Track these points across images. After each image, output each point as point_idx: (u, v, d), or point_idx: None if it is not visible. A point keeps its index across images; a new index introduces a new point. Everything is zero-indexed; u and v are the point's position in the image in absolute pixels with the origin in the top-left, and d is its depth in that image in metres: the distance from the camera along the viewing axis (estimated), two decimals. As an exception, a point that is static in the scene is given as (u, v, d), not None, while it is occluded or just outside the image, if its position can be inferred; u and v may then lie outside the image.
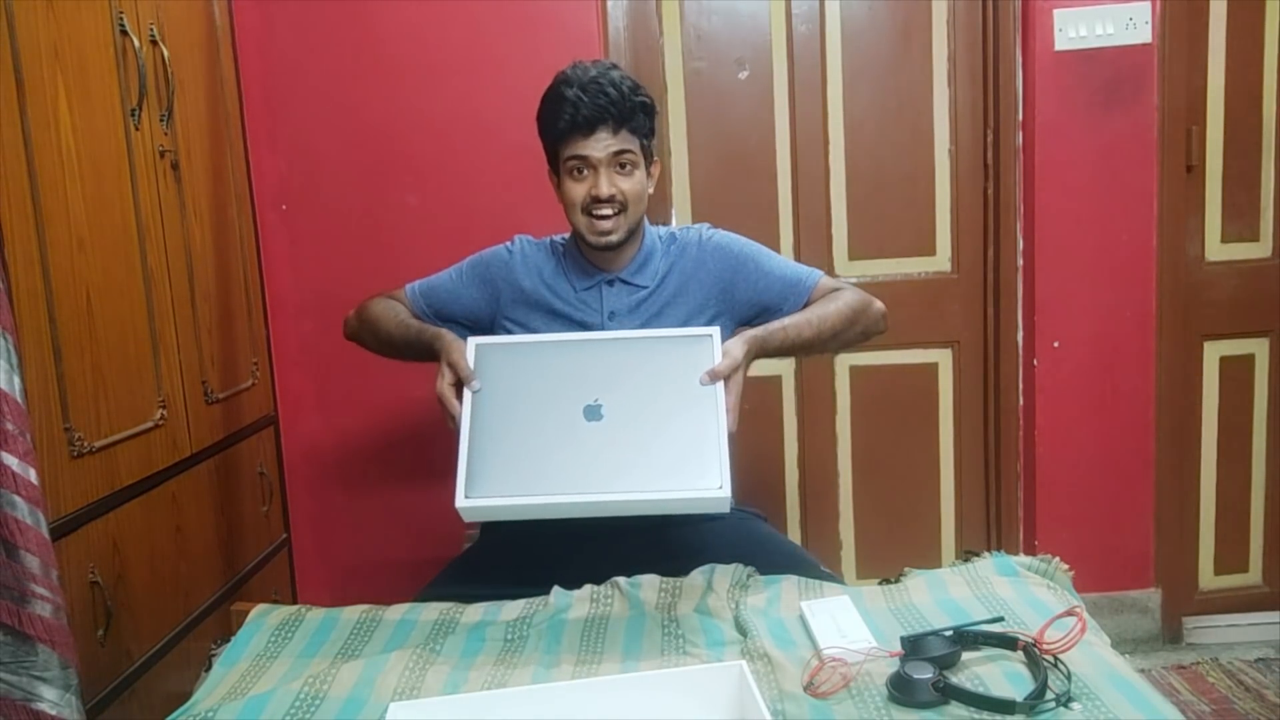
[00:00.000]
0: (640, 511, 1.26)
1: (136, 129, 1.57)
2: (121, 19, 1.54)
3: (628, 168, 1.49)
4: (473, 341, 1.37)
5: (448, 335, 1.43)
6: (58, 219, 1.35)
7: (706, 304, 1.57)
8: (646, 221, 1.61)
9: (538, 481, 1.23)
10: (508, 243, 1.68)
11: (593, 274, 1.58)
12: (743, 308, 1.59)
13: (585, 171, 1.49)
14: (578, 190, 1.50)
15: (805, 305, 1.58)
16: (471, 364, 1.33)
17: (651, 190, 1.57)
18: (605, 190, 1.48)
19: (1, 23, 1.25)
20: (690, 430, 1.25)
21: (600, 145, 1.47)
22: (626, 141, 1.49)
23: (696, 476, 1.21)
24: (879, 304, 1.60)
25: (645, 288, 1.57)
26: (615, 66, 1.53)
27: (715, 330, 1.34)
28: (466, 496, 1.23)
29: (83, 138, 1.42)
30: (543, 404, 1.30)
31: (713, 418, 1.26)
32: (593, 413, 1.27)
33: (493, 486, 1.23)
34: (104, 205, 1.47)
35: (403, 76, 2.14)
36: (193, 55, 1.84)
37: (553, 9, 2.13)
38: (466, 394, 1.31)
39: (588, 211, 1.50)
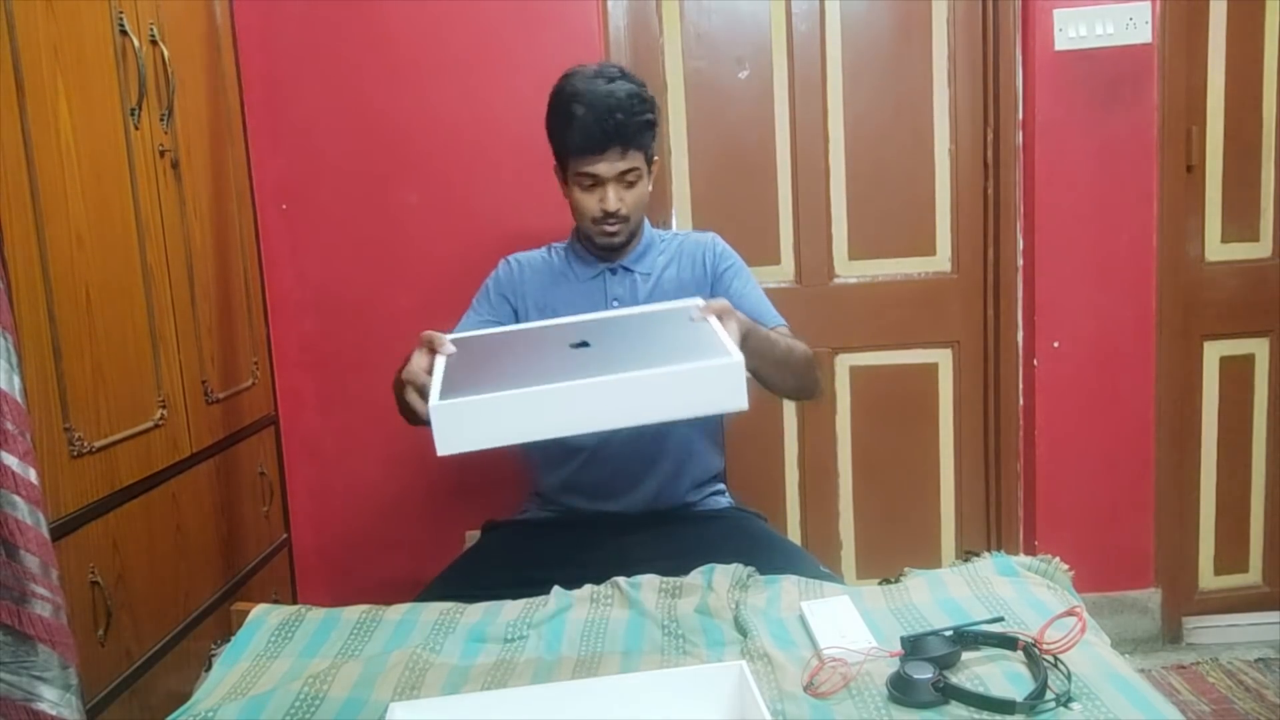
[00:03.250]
0: (646, 414, 1.03)
1: (136, 128, 1.57)
2: (121, 19, 1.54)
3: (634, 182, 1.59)
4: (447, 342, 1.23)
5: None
6: (58, 218, 1.35)
7: (699, 287, 1.66)
8: (647, 220, 1.70)
9: (523, 378, 1.03)
10: (501, 264, 1.75)
11: (595, 265, 1.69)
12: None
13: (595, 186, 1.58)
14: (588, 201, 1.59)
15: None
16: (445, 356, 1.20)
17: (650, 187, 1.65)
18: (614, 205, 1.57)
19: (1, 23, 1.24)
20: (688, 336, 1.14)
21: (609, 165, 1.55)
22: (633, 160, 1.57)
23: (703, 354, 1.06)
24: (809, 351, 1.59)
25: (646, 274, 1.68)
26: (621, 75, 1.57)
27: (697, 299, 1.31)
28: (441, 397, 1.02)
29: (83, 137, 1.42)
30: (525, 344, 1.22)
31: (710, 331, 1.14)
32: (580, 345, 1.16)
33: (471, 388, 1.03)
34: (104, 204, 1.47)
35: (404, 76, 2.14)
36: (193, 54, 1.84)
37: (553, 9, 2.13)
38: (440, 359, 1.19)
39: (597, 221, 1.59)
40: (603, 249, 1.64)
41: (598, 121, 1.52)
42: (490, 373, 1.10)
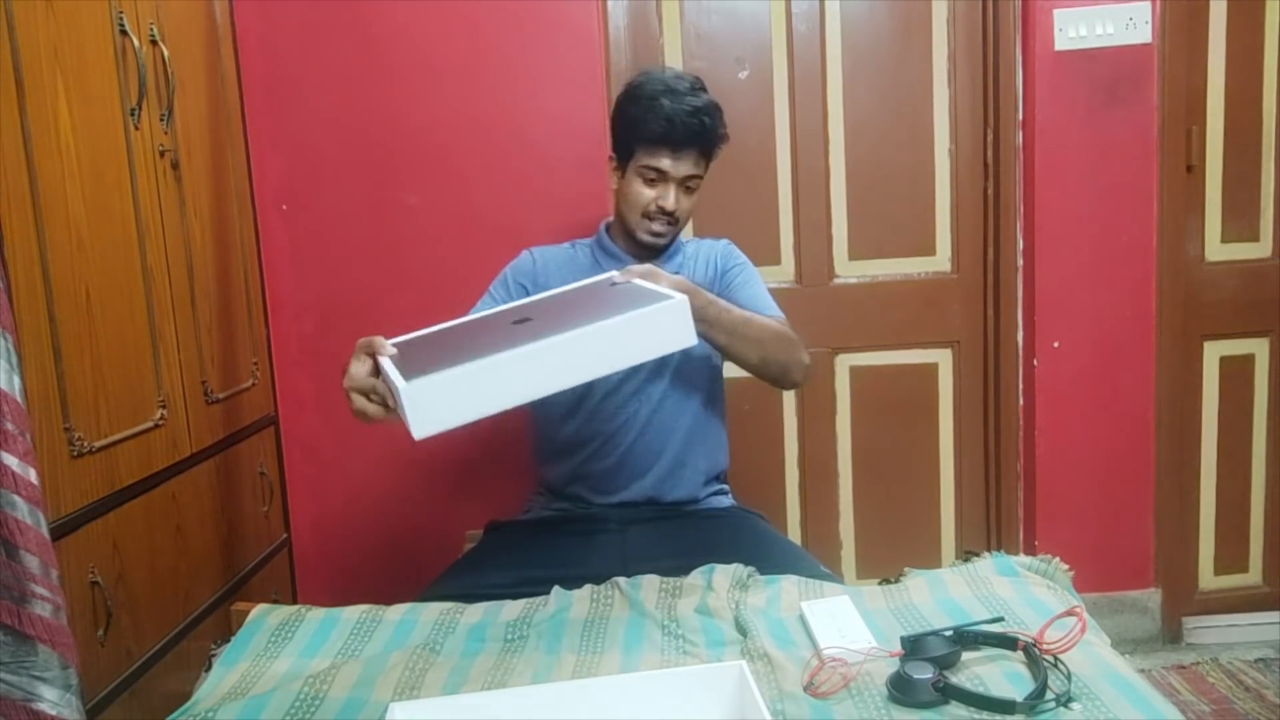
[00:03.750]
0: (608, 364, 1.06)
1: (136, 129, 1.57)
2: (121, 19, 1.54)
3: (692, 189, 1.65)
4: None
5: None
6: (58, 218, 1.35)
7: (709, 284, 1.68)
8: None
9: (481, 352, 1.04)
10: (523, 253, 1.77)
11: (622, 260, 1.69)
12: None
13: (657, 182, 1.62)
14: (646, 194, 1.62)
15: None
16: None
17: None
18: (672, 205, 1.62)
19: (1, 23, 1.24)
20: (622, 295, 1.18)
21: (682, 166, 1.60)
22: (700, 167, 1.63)
23: (647, 302, 1.09)
24: (807, 355, 1.59)
25: (674, 272, 1.65)
26: (703, 87, 1.63)
27: (613, 272, 1.33)
28: (407, 381, 1.01)
29: (83, 137, 1.42)
30: (467, 330, 1.25)
31: (644, 289, 1.18)
32: (521, 322, 1.18)
33: (433, 368, 1.03)
34: (104, 205, 1.47)
35: (403, 76, 2.14)
36: (193, 55, 1.84)
37: (553, 9, 2.13)
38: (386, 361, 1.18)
39: (648, 215, 1.63)
40: (644, 246, 1.67)
41: (684, 120, 1.56)
42: (445, 355, 1.08)
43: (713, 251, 1.77)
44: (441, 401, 1.00)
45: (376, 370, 1.19)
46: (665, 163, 1.60)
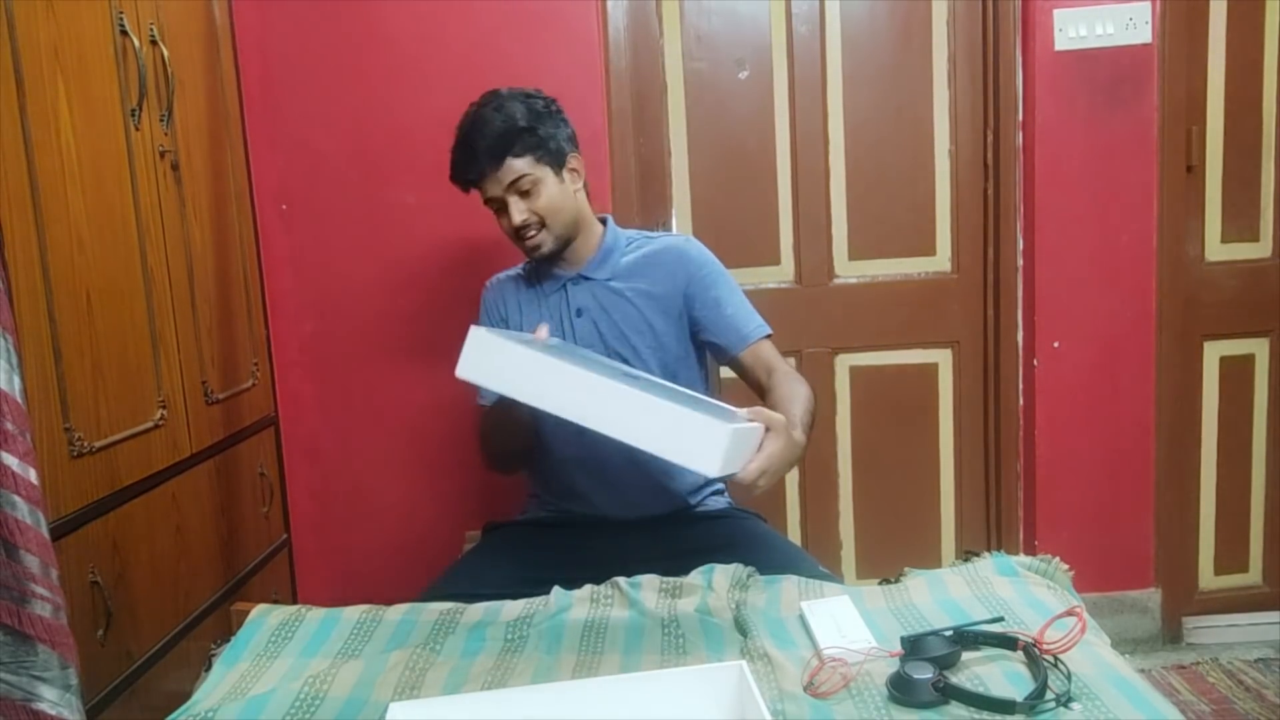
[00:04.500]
0: (631, 433, 1.08)
1: (136, 129, 1.57)
2: (121, 19, 1.54)
3: (530, 189, 1.57)
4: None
5: None
6: (58, 219, 1.35)
7: (671, 299, 1.64)
8: (611, 222, 1.70)
9: (556, 355, 1.15)
10: (484, 293, 1.77)
11: (557, 277, 1.68)
12: (689, 321, 1.65)
13: (501, 210, 1.59)
14: (503, 223, 1.60)
15: (741, 356, 1.62)
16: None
17: (579, 186, 1.63)
18: (518, 219, 1.57)
19: (1, 23, 1.25)
20: (714, 407, 1.20)
21: (494, 184, 1.57)
22: (514, 170, 1.56)
23: (710, 414, 1.10)
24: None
25: (607, 280, 1.65)
26: (498, 93, 1.60)
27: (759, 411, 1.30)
28: (486, 330, 1.16)
29: (83, 138, 1.42)
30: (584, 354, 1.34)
31: (738, 416, 1.18)
32: (630, 376, 1.25)
33: (513, 340, 1.17)
34: (104, 205, 1.47)
35: (403, 76, 2.14)
36: (193, 55, 1.84)
37: (553, 9, 2.13)
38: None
39: (516, 237, 1.60)
40: (541, 260, 1.64)
41: (461, 150, 1.57)
42: (536, 345, 1.20)
43: (673, 259, 1.65)
44: (493, 360, 1.14)
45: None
46: (484, 191, 1.59)
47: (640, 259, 1.67)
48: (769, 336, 1.62)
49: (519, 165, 1.56)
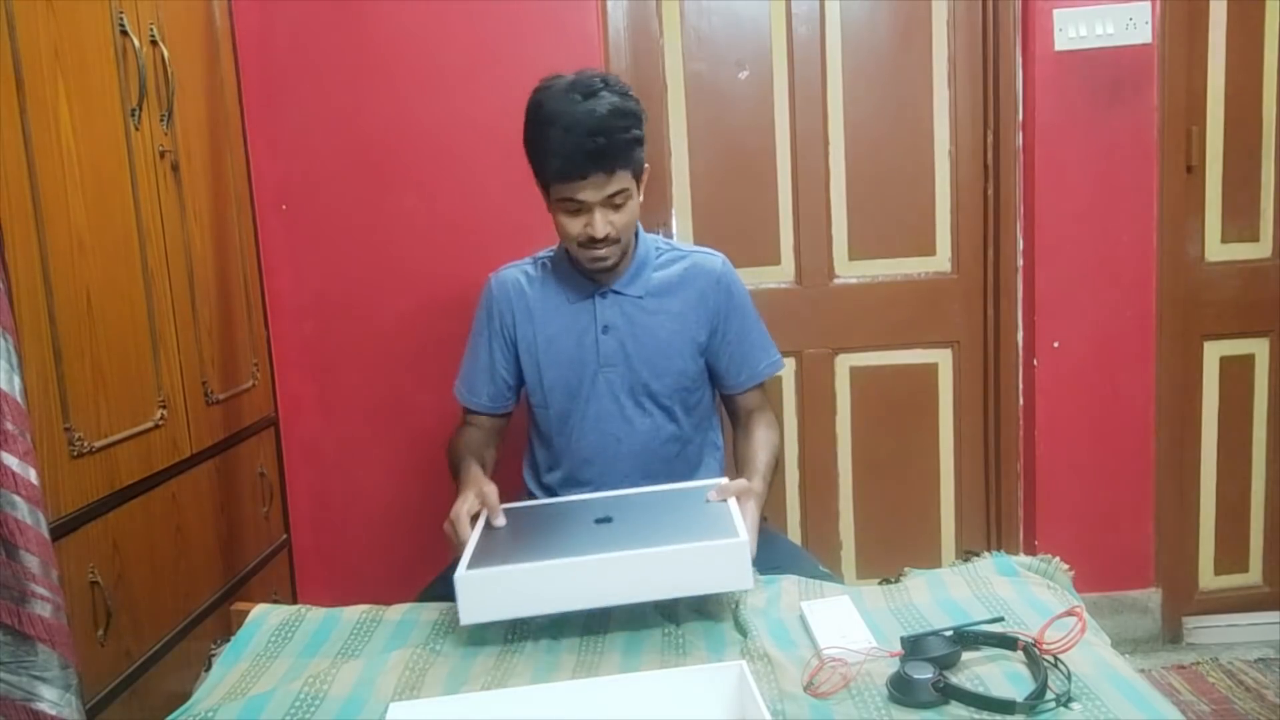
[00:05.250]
0: (655, 590, 1.16)
1: (136, 129, 1.57)
2: (121, 19, 1.54)
3: (621, 204, 1.47)
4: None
5: (477, 472, 1.45)
6: (58, 219, 1.35)
7: (699, 324, 1.61)
8: (642, 232, 1.64)
9: (545, 551, 1.18)
10: (486, 288, 1.68)
11: (585, 288, 1.60)
12: (708, 346, 1.63)
13: (580, 211, 1.47)
14: (573, 226, 1.48)
15: (742, 395, 1.65)
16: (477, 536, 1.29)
17: (641, 197, 1.55)
18: (601, 231, 1.46)
19: (1, 23, 1.24)
20: (705, 519, 1.27)
21: (593, 190, 1.44)
22: (620, 181, 1.45)
23: (714, 534, 1.19)
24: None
25: (639, 298, 1.59)
26: (603, 85, 1.45)
27: (721, 480, 1.42)
28: (469, 567, 1.16)
29: (83, 138, 1.42)
30: (553, 519, 1.36)
31: (728, 515, 1.26)
32: (603, 521, 1.31)
33: (496, 560, 1.17)
34: (104, 206, 1.47)
35: (403, 77, 2.14)
36: (193, 55, 1.84)
37: (552, 9, 2.13)
38: (479, 524, 1.32)
39: (584, 246, 1.49)
40: (592, 273, 1.56)
41: (578, 146, 1.40)
42: (516, 540, 1.24)
43: (705, 280, 1.61)
44: (489, 595, 1.12)
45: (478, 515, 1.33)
46: (577, 192, 1.44)
47: (673, 277, 1.60)
48: (769, 376, 1.67)
49: (623, 178, 1.45)
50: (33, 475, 1.06)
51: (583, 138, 1.39)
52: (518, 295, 1.63)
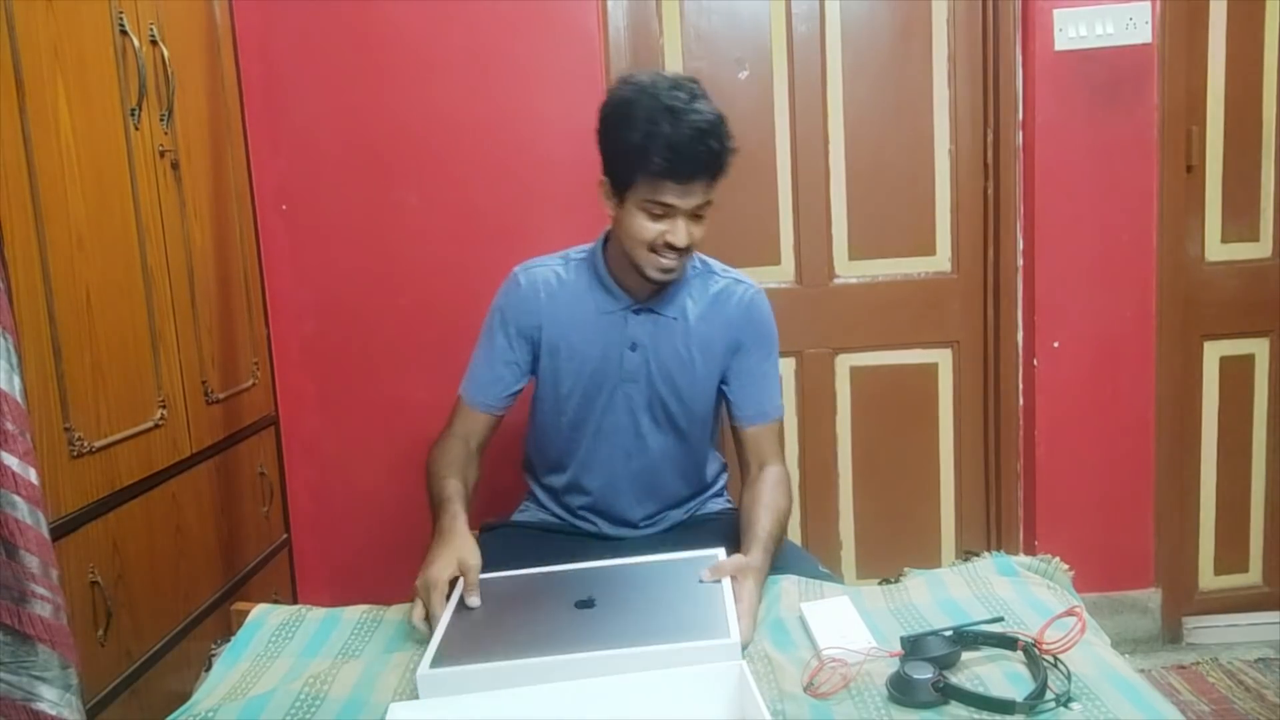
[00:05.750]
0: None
1: (136, 129, 1.57)
2: (121, 19, 1.54)
3: (703, 215, 1.44)
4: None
5: (460, 526, 1.36)
6: (58, 219, 1.35)
7: (723, 352, 1.57)
8: None
9: (518, 647, 1.11)
10: (512, 284, 1.59)
11: (619, 299, 1.54)
12: (727, 373, 1.59)
13: (664, 216, 1.40)
14: (650, 230, 1.41)
15: (745, 431, 1.58)
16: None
17: None
18: (684, 241, 1.41)
19: (1, 23, 1.24)
20: (696, 607, 1.19)
21: (691, 199, 1.39)
22: (710, 192, 1.42)
23: (704, 629, 1.12)
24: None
25: (671, 318, 1.55)
26: (702, 93, 1.40)
27: (719, 551, 1.35)
28: (431, 666, 1.09)
29: (83, 138, 1.42)
30: (530, 599, 1.27)
31: (721, 603, 1.19)
32: (584, 604, 1.22)
33: (463, 656, 1.10)
34: (104, 205, 1.47)
35: (403, 76, 2.14)
36: (193, 55, 1.84)
37: (553, 9, 2.13)
38: (452, 601, 1.24)
39: (655, 250, 1.43)
40: (653, 281, 1.47)
41: (689, 147, 1.34)
42: (488, 629, 1.18)
43: (736, 310, 1.56)
44: (455, 686, 1.06)
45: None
46: (673, 197, 1.37)
47: (707, 302, 1.56)
48: (780, 420, 1.61)
49: (712, 191, 1.41)
50: (33, 475, 1.05)
51: (696, 139, 1.34)
52: (548, 296, 1.55)
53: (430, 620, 1.22)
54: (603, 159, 1.46)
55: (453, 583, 1.29)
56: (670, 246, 1.41)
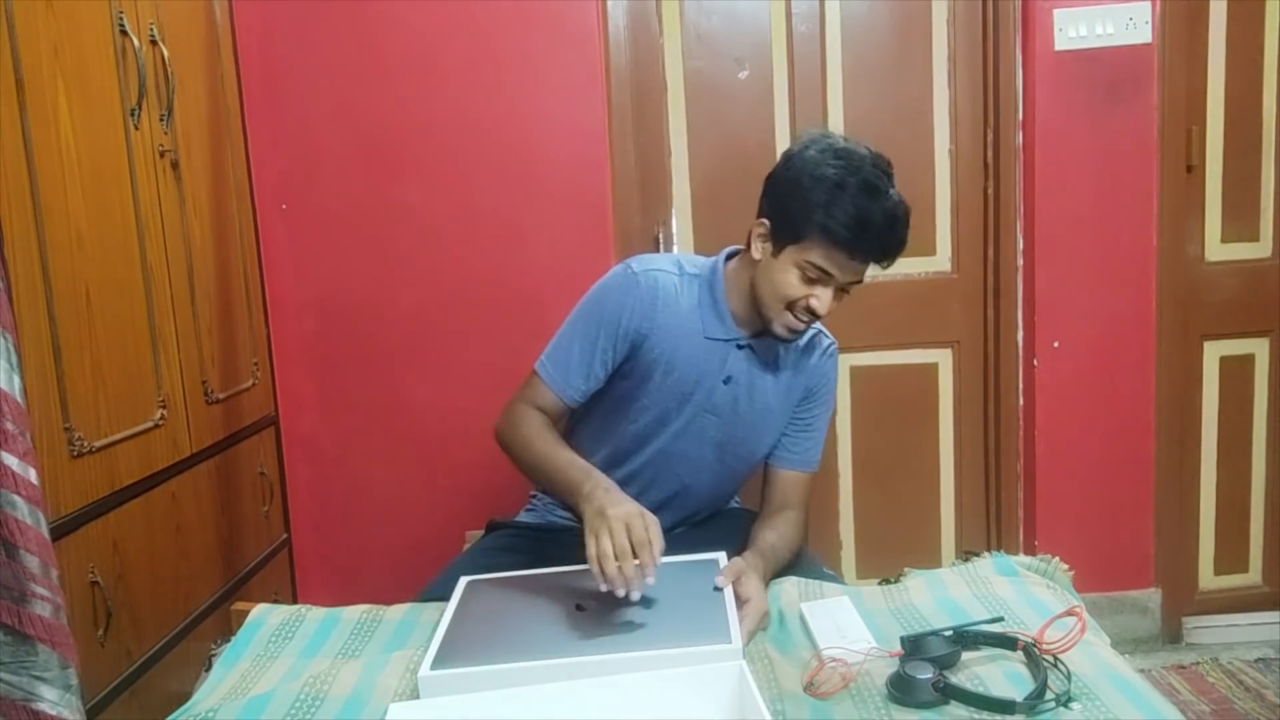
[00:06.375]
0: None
1: (136, 128, 1.57)
2: (121, 19, 1.54)
3: (850, 291, 1.42)
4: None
5: (617, 490, 1.29)
6: (58, 218, 1.35)
7: (798, 400, 1.56)
8: None
9: (520, 650, 1.12)
10: (630, 278, 1.47)
11: (729, 329, 1.48)
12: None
13: (817, 281, 1.37)
14: (798, 289, 1.37)
15: (780, 471, 1.58)
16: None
17: None
18: (824, 309, 1.38)
19: (1, 23, 1.24)
20: (696, 613, 1.19)
21: (850, 273, 1.37)
22: (867, 273, 1.41)
23: (704, 633, 1.13)
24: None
25: (767, 361, 1.52)
26: (892, 172, 1.40)
27: (720, 554, 1.36)
28: (432, 668, 1.10)
29: (83, 137, 1.42)
30: (528, 603, 1.28)
31: (721, 608, 1.19)
32: (586, 607, 1.23)
33: (465, 657, 1.11)
34: (104, 204, 1.47)
35: (403, 76, 2.14)
36: (193, 55, 1.84)
37: (553, 9, 2.13)
38: (454, 599, 1.24)
39: (791, 309, 1.40)
40: (776, 338, 1.45)
41: (879, 229, 1.33)
42: (490, 631, 1.18)
43: (819, 367, 1.56)
44: (455, 687, 1.07)
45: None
46: (839, 268, 1.35)
47: (796, 351, 1.54)
48: (813, 472, 1.61)
49: (868, 271, 1.40)
50: (33, 475, 1.05)
51: (887, 225, 1.33)
52: (663, 305, 1.47)
53: (638, 547, 1.16)
54: (772, 204, 1.41)
55: (452, 585, 1.28)
56: (810, 311, 1.38)
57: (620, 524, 1.19)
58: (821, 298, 1.37)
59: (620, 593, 1.17)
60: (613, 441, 1.57)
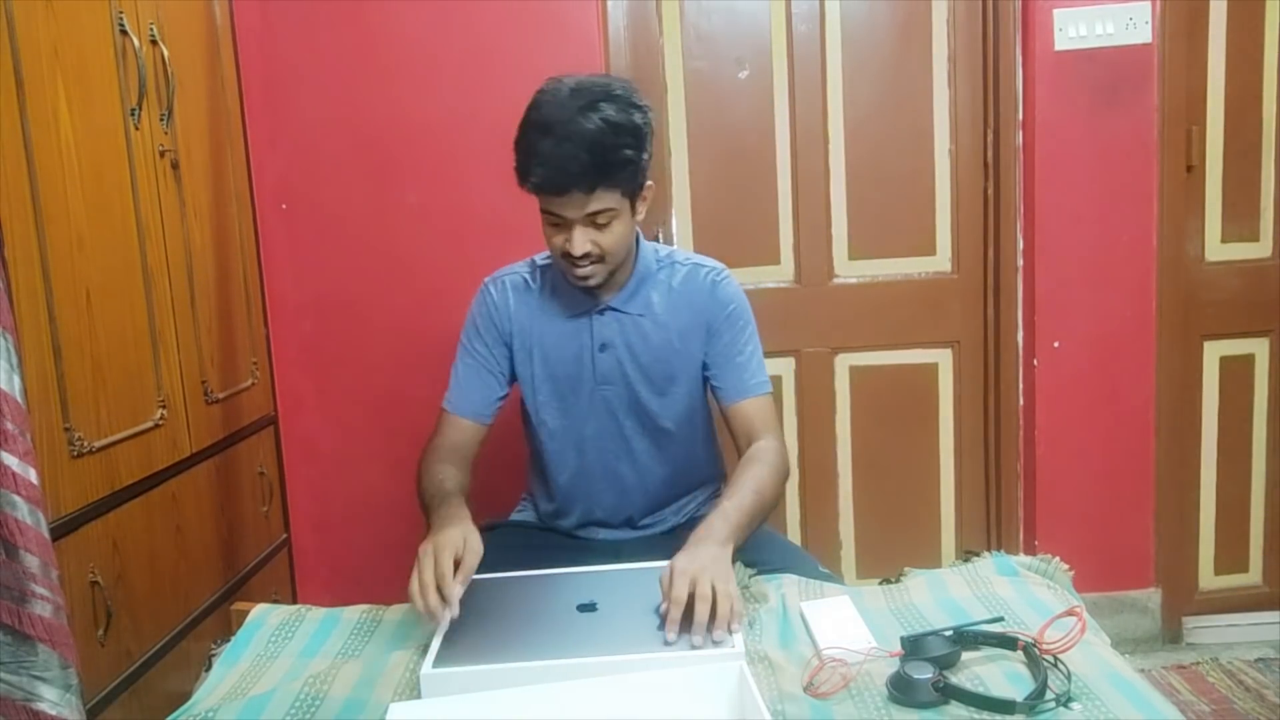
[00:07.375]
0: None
1: (136, 129, 1.57)
2: (121, 19, 1.54)
3: (605, 223, 1.39)
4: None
5: (464, 514, 1.31)
6: (58, 218, 1.35)
7: (697, 340, 1.54)
8: (642, 243, 1.56)
9: (522, 650, 1.12)
10: (483, 294, 1.59)
11: (583, 302, 1.52)
12: (706, 359, 1.56)
13: (561, 226, 1.40)
14: (554, 240, 1.42)
15: (729, 408, 1.53)
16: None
17: (641, 216, 1.48)
18: (579, 249, 1.38)
19: (1, 23, 1.24)
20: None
21: (573, 207, 1.36)
22: (603, 200, 1.36)
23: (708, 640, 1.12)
24: (788, 463, 1.51)
25: (639, 315, 1.53)
26: (605, 96, 1.36)
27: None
28: (434, 666, 1.09)
29: (83, 138, 1.42)
30: (531, 602, 1.27)
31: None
32: (587, 608, 1.22)
33: (466, 656, 1.11)
34: (104, 205, 1.47)
35: (403, 76, 2.14)
36: (193, 55, 1.84)
37: (553, 9, 2.13)
38: (455, 597, 1.20)
39: (565, 258, 1.42)
40: (576, 289, 1.49)
41: (558, 160, 1.31)
42: (491, 629, 1.18)
43: (701, 292, 1.54)
44: (457, 687, 1.06)
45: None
46: (556, 206, 1.37)
47: (672, 293, 1.54)
48: (767, 394, 1.54)
49: (608, 198, 1.36)
50: (33, 475, 1.05)
51: (565, 152, 1.31)
52: (517, 303, 1.56)
53: (443, 585, 1.16)
54: None
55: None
56: (570, 256, 1.40)
57: (428, 558, 1.21)
58: (574, 239, 1.38)
59: (432, 625, 1.18)
60: (545, 456, 1.60)
